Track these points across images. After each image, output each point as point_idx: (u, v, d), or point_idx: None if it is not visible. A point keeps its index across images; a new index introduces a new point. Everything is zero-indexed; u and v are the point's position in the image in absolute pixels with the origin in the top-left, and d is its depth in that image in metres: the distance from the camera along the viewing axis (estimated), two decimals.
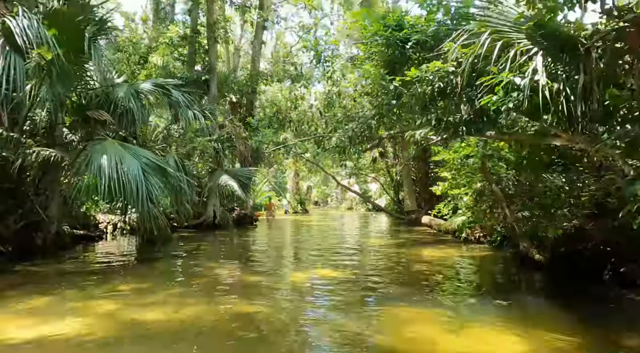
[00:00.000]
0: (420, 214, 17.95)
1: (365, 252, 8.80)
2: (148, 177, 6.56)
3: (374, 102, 5.49)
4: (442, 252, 8.47)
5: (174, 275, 6.34)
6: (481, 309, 4.42)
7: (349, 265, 7.02)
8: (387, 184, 26.92)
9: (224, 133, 13.73)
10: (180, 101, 8.56)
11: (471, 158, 7.45)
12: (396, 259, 7.70)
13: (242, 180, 14.92)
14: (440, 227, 10.34)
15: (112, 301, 4.57)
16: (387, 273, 6.38)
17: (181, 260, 7.91)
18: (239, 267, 6.88)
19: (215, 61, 16.50)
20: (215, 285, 5.43)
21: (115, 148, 6.63)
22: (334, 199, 48.28)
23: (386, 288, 5.32)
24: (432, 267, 6.87)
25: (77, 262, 7.53)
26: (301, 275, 6.06)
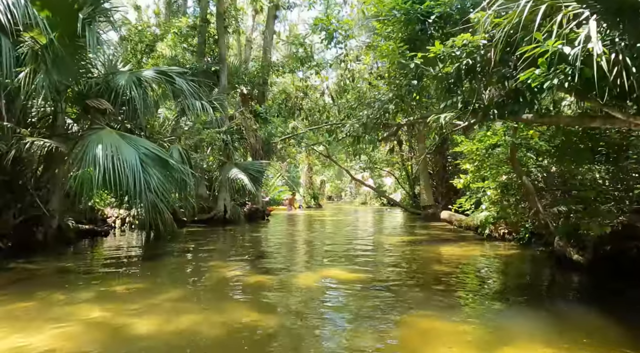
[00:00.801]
0: (437, 209, 17.28)
1: (380, 250, 8.23)
2: (147, 168, 6.11)
3: (392, 84, 4.90)
4: (464, 250, 7.86)
5: (175, 275, 5.89)
6: (517, 319, 3.83)
7: (363, 264, 6.47)
8: (402, 178, 26.23)
9: (233, 125, 13.26)
10: (185, 89, 8.08)
11: (498, 148, 6.81)
12: (414, 258, 7.12)
13: (253, 174, 14.47)
14: (461, 222, 9.71)
15: (103, 306, 4.12)
16: (404, 274, 5.81)
17: (187, 257, 7.50)
18: (246, 266, 6.39)
19: (225, 51, 16.03)
20: (218, 288, 4.95)
21: (111, 137, 6.19)
22: (348, 194, 47.69)
23: (404, 293, 4.75)
24: (453, 267, 6.28)
25: (76, 259, 7.16)
26: (312, 277, 5.54)
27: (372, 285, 5.06)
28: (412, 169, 23.43)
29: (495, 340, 3.34)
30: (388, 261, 6.83)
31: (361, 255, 7.53)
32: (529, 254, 7.36)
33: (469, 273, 5.94)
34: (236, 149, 14.02)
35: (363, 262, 6.72)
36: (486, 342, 3.29)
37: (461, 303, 4.39)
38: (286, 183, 34.38)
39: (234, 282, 5.28)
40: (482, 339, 3.34)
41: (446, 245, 8.67)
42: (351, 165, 29.71)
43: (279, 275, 5.65)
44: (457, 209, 9.14)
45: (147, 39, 11.31)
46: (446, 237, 10.27)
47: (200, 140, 10.95)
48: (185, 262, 6.96)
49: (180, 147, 8.40)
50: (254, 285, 5.10)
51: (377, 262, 6.78)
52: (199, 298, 4.49)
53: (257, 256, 7.61)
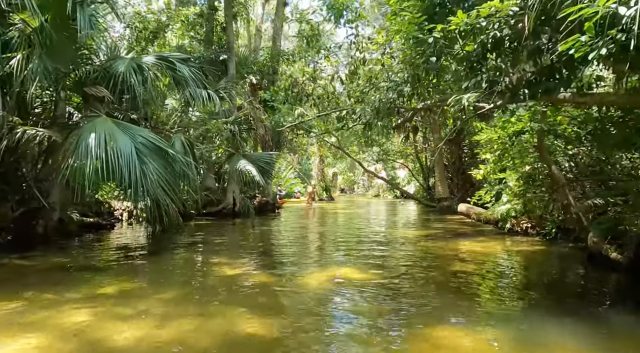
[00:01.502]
0: (453, 202, 16.68)
1: (394, 245, 7.74)
2: (143, 158, 5.72)
3: (407, 63, 4.39)
4: (483, 246, 7.33)
5: (175, 272, 5.52)
6: (549, 328, 3.32)
7: (376, 262, 6.00)
8: (416, 170, 25.60)
9: (241, 115, 12.84)
10: (187, 77, 7.65)
11: (523, 135, 6.25)
12: (429, 255, 6.62)
13: (262, 166, 14.06)
14: (480, 216, 9.16)
15: (88, 309, 3.75)
16: (420, 274, 5.32)
17: (190, 253, 7.14)
18: (251, 263, 5.98)
19: (233, 40, 15.58)
20: (217, 288, 4.54)
21: (106, 126, 5.80)
22: (361, 186, 47.18)
23: (420, 297, 4.26)
24: (473, 265, 5.78)
25: (74, 254, 6.85)
26: (320, 276, 5.09)
27: (386, 286, 4.59)
28: (426, 161, 22.78)
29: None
30: (402, 258, 6.35)
31: (374, 251, 7.06)
32: (555, 251, 6.81)
33: (491, 273, 5.43)
34: (244, 140, 13.61)
35: (376, 259, 6.26)
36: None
37: (484, 309, 3.90)
38: (298, 175, 34.05)
39: (236, 281, 4.86)
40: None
41: (464, 240, 8.15)
42: (363, 157, 29.14)
43: (285, 274, 5.23)
44: (476, 202, 8.60)
45: (150, 26, 10.91)
46: (463, 231, 9.73)
47: (207, 130, 10.54)
48: (188, 258, 6.60)
49: (183, 137, 7.98)
50: (257, 286, 4.68)
51: (391, 259, 6.31)
52: (196, 300, 4.09)
53: (264, 252, 7.22)
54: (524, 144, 6.45)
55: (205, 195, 14.80)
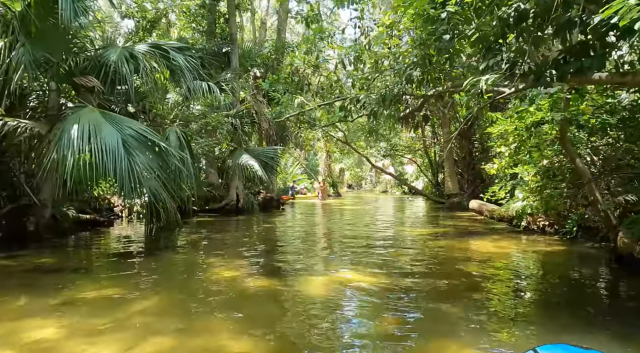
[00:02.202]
0: (463, 198, 16.15)
1: (403, 245, 7.27)
2: (131, 152, 5.32)
3: (417, 43, 3.91)
4: (498, 246, 6.84)
5: (164, 276, 5.11)
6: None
7: (383, 264, 5.54)
8: (424, 165, 25.04)
9: (243, 108, 12.41)
10: (182, 66, 7.23)
11: (543, 125, 5.74)
12: (441, 256, 6.14)
13: (265, 160, 13.67)
14: (493, 213, 8.65)
15: (62, 319, 3.36)
16: (430, 278, 4.84)
17: (185, 252, 6.76)
18: (249, 265, 5.55)
19: (236, 31, 15.16)
20: (209, 296, 4.12)
21: (91, 117, 5.41)
22: (368, 182, 46.72)
23: (433, 306, 3.78)
24: (487, 268, 5.30)
25: (63, 253, 6.49)
26: (324, 281, 4.64)
27: (394, 293, 4.13)
28: (435, 156, 22.22)
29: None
30: (411, 259, 5.87)
31: (381, 251, 6.61)
32: (577, 251, 6.30)
33: (508, 277, 4.95)
34: (247, 134, 13.20)
35: (383, 260, 5.80)
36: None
37: (503, 323, 3.43)
38: (305, 171, 33.65)
39: (231, 286, 4.44)
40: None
41: (476, 239, 7.67)
42: (371, 152, 28.60)
43: (285, 279, 4.79)
44: (490, 198, 8.10)
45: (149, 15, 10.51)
46: (475, 229, 9.23)
47: (206, 124, 10.13)
48: (182, 258, 6.20)
49: (179, 130, 7.57)
50: (253, 293, 4.25)
51: (399, 260, 5.84)
52: (181, 311, 3.67)
53: (265, 251, 6.79)
54: (543, 136, 5.94)
55: (208, 190, 14.47)
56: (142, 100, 9.98)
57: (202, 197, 14.38)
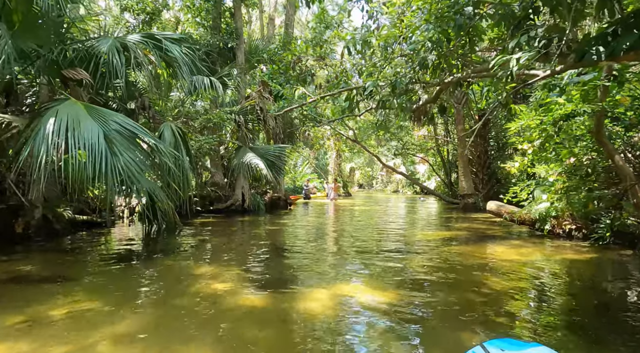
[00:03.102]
0: (477, 198, 15.48)
1: (416, 252, 6.63)
2: (115, 148, 4.83)
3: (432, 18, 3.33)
4: (520, 253, 6.22)
5: (148, 287, 4.59)
6: None
7: (393, 274, 4.97)
8: (436, 165, 24.33)
9: (247, 104, 11.92)
10: (178, 58, 6.74)
11: (575, 118, 5.11)
12: (456, 264, 5.54)
13: (271, 159, 13.18)
14: (513, 215, 8.00)
15: (13, 346, 2.88)
16: (445, 292, 4.25)
17: (179, 258, 6.19)
18: (245, 275, 5.01)
19: (242, 26, 14.69)
20: (192, 314, 3.58)
21: (71, 110, 4.93)
22: (379, 182, 46.10)
23: (451, 335, 3.21)
24: (511, 280, 4.69)
25: (47, 258, 6.03)
26: (327, 296, 4.06)
27: (407, 315, 3.56)
28: (448, 155, 21.51)
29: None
30: (424, 269, 5.28)
31: (392, 258, 6.02)
32: (610, 259, 5.65)
33: (533, 291, 4.34)
34: (251, 132, 12.70)
35: (394, 269, 5.23)
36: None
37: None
38: (314, 171, 33.16)
39: (220, 303, 3.90)
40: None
41: (495, 245, 7.04)
42: (381, 151, 27.98)
43: (284, 293, 4.23)
44: (510, 199, 7.46)
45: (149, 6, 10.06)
46: (493, 232, 8.59)
47: (207, 120, 9.65)
48: (174, 266, 5.67)
49: (174, 126, 7.08)
50: (242, 312, 3.69)
51: (411, 269, 5.25)
52: (154, 334, 3.14)
53: (265, 259, 6.23)
54: (574, 130, 5.31)
55: (213, 190, 14.05)
56: (141, 96, 9.57)
57: (206, 196, 13.98)
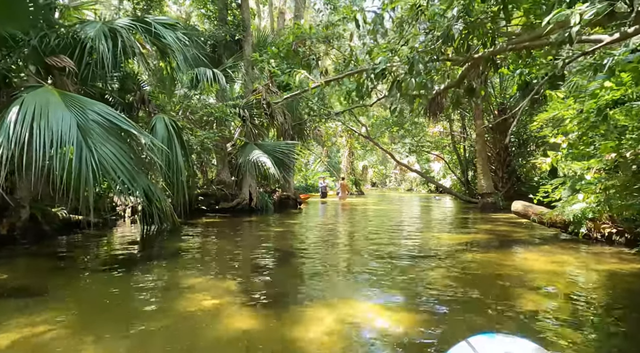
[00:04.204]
0: (497, 197, 14.63)
1: (434, 258, 5.85)
2: (90, 141, 4.25)
3: None
4: (553, 261, 5.46)
5: (127, 302, 3.95)
6: None
7: (406, 290, 4.24)
8: (452, 163, 23.45)
9: (252, 98, 11.31)
10: (172, 44, 6.14)
11: (621, 105, 4.34)
12: (479, 276, 4.78)
13: (279, 157, 12.57)
14: (542, 217, 7.22)
15: None
16: (467, 313, 3.53)
17: (172, 265, 5.50)
18: (240, 287, 4.34)
19: (249, 17, 14.11)
20: (169, 341, 2.98)
21: (41, 97, 4.36)
22: (393, 180, 45.27)
23: None
24: (546, 297, 3.95)
25: (22, 266, 5.47)
26: (333, 318, 3.36)
27: (418, 343, 2.89)
28: (465, 151, 20.61)
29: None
30: (442, 282, 4.54)
31: (406, 268, 5.26)
32: None
33: (580, 314, 3.58)
34: (257, 127, 12.10)
35: (407, 283, 4.51)
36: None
37: None
38: (327, 169, 32.56)
39: (200, 327, 3.22)
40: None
41: (523, 251, 6.29)
42: (395, 148, 27.20)
43: (280, 313, 3.52)
44: (541, 199, 6.70)
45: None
46: (519, 236, 7.81)
47: (209, 113, 9.05)
48: (163, 274, 5.04)
49: (167, 119, 6.47)
50: (228, 339, 3.02)
51: (427, 282, 4.52)
52: None
53: (265, 267, 5.53)
54: (623, 119, 4.53)
55: (219, 189, 13.53)
56: (140, 89, 9.04)
57: (212, 195, 13.45)
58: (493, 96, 16.27)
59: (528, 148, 16.22)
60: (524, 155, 16.70)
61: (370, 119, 22.90)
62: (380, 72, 3.49)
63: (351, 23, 5.20)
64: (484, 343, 1.81)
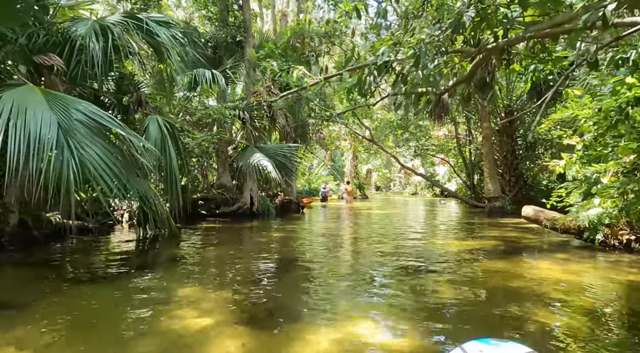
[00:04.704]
0: (504, 202, 14.25)
1: (439, 269, 5.44)
2: (72, 141, 3.97)
3: None
4: (567, 271, 5.09)
5: (102, 321, 3.60)
6: None
7: (412, 307, 3.88)
8: (458, 166, 23.07)
9: (252, 100, 11.03)
10: (166, 42, 5.86)
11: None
12: (490, 289, 4.41)
13: (280, 160, 12.27)
14: (556, 223, 6.86)
15: None
16: (486, 334, 3.25)
17: (160, 276, 5.09)
18: (232, 302, 3.97)
19: (250, 18, 13.89)
20: None
21: (20, 95, 4.08)
22: (397, 184, 44.89)
23: None
24: (570, 315, 3.59)
25: (3, 274, 5.21)
26: (332, 340, 2.99)
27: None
28: (470, 155, 20.22)
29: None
30: (452, 295, 4.19)
31: (413, 280, 4.89)
32: None
33: (602, 336, 3.24)
34: (257, 130, 11.81)
35: (413, 299, 4.14)
36: None
37: None
38: (330, 172, 32.24)
39: (190, 349, 2.92)
40: None
41: (535, 259, 5.94)
42: (399, 151, 26.86)
43: (272, 335, 3.17)
44: (555, 204, 6.35)
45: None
46: (529, 242, 7.45)
47: (207, 115, 8.77)
48: (150, 287, 4.58)
49: (161, 120, 6.17)
50: None
51: (434, 298, 4.13)
52: None
53: (262, 277, 5.18)
54: None
55: (220, 193, 13.26)
56: (138, 90, 8.80)
57: (212, 199, 13.18)
58: (500, 98, 15.92)
59: (536, 151, 15.84)
60: (532, 158, 16.31)
61: (374, 122, 22.61)
62: (383, 64, 3.17)
63: (353, 18, 4.90)
64: (477, 349, 1.79)
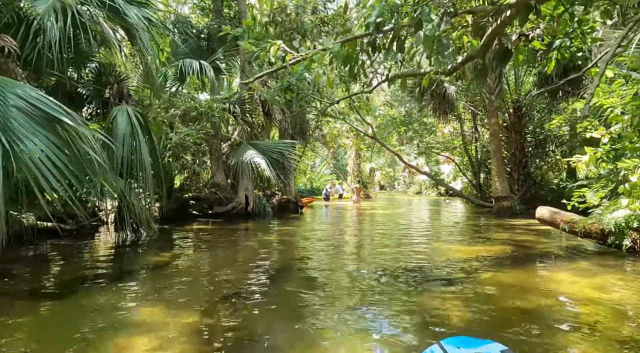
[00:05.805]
0: (513, 201, 13.51)
1: (444, 281, 4.63)
2: (15, 132, 3.31)
3: None
4: (594, 284, 4.38)
5: (57, 343, 3.03)
6: None
7: (414, 329, 3.23)
8: (463, 164, 22.29)
9: (245, 94, 10.38)
10: (137, 24, 5.20)
11: None
12: (510, 307, 3.68)
13: (276, 157, 11.61)
14: (574, 226, 6.14)
15: None
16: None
17: (130, 288, 4.46)
18: (200, 327, 3.27)
19: (245, 9, 13.21)
20: None
21: None
22: (401, 183, 44.16)
23: None
24: (604, 343, 2.92)
25: None
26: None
27: None
28: (476, 153, 19.47)
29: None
30: (457, 314, 3.48)
31: (413, 294, 4.20)
32: None
33: None
34: (249, 125, 11.15)
35: (416, 319, 3.45)
36: None
37: None
38: (333, 171, 31.57)
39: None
40: None
41: (554, 269, 5.23)
42: (403, 149, 26.13)
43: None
44: (577, 205, 5.64)
45: None
46: (544, 247, 6.74)
47: (192, 109, 8.10)
48: (114, 302, 3.91)
49: (131, 110, 5.48)
50: None
51: (439, 319, 3.48)
52: None
53: (243, 291, 4.42)
54: None
55: (213, 192, 12.61)
56: (120, 82, 8.17)
57: (204, 199, 12.54)
58: (508, 92, 15.17)
59: (546, 148, 15.08)
60: (541, 156, 15.56)
61: (376, 119, 21.90)
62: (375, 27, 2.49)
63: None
64: (455, 346, 1.84)
